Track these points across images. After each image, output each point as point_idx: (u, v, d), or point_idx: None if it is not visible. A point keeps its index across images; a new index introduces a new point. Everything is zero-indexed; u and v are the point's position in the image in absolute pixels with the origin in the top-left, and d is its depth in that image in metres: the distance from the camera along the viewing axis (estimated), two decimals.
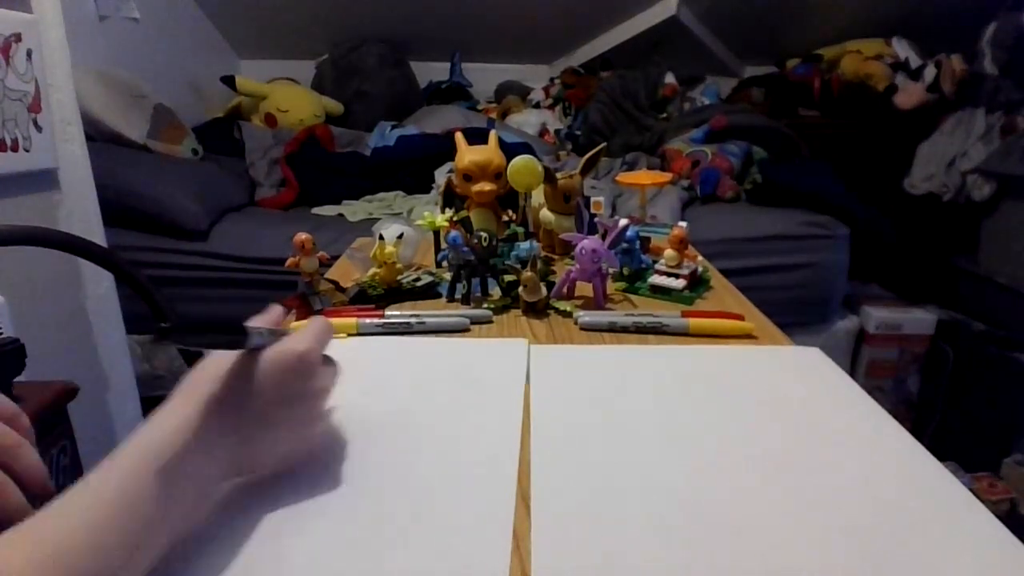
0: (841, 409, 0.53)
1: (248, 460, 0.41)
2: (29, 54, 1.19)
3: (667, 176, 1.40)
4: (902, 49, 2.55)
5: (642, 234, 0.88)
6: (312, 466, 0.44)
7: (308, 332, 0.42)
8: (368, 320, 0.69)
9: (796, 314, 1.79)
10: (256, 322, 0.43)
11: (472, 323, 0.71)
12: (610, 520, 0.39)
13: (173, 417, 0.37)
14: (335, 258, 0.95)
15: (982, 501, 0.41)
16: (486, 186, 0.89)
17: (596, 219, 0.90)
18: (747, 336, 0.68)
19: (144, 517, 0.33)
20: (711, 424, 0.50)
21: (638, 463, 0.45)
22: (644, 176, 1.46)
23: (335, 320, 0.69)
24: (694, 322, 0.68)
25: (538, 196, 0.97)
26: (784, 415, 0.52)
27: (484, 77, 3.02)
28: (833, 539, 0.37)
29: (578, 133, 2.64)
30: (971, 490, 0.42)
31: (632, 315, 0.70)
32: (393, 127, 2.46)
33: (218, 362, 0.40)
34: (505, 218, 0.96)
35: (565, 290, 0.78)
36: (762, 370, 0.60)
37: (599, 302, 0.76)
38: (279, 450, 0.42)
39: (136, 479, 0.34)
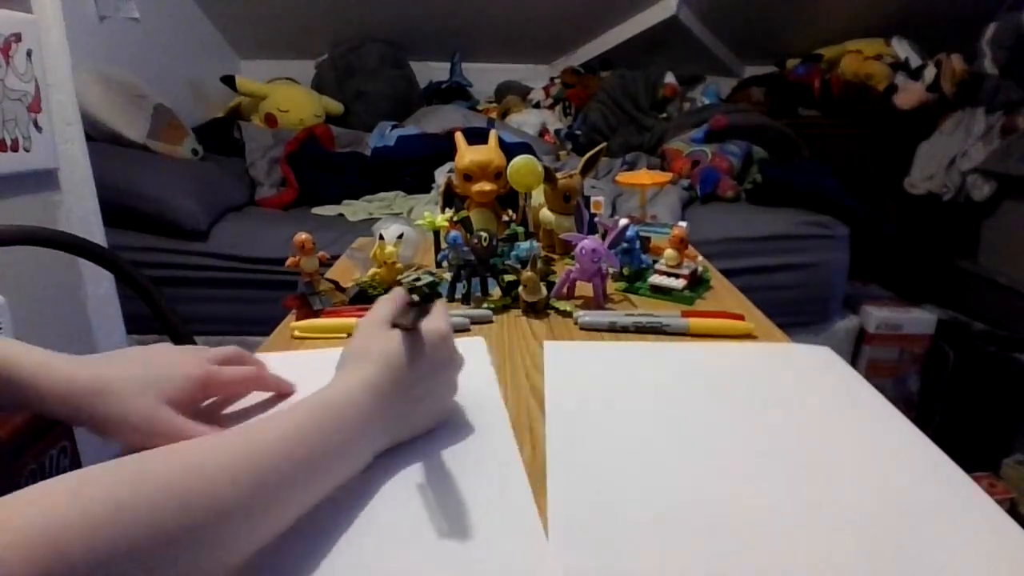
0: (855, 407, 0.53)
1: (406, 425, 0.46)
2: (29, 54, 1.19)
3: (667, 176, 1.41)
4: (902, 49, 2.54)
5: (642, 234, 0.88)
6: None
7: (442, 314, 0.49)
8: None
9: (796, 314, 1.79)
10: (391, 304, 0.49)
11: (472, 323, 0.71)
12: (625, 518, 0.39)
13: (346, 381, 0.42)
14: (335, 258, 0.95)
15: None
16: (486, 186, 0.89)
17: (596, 219, 0.90)
18: (747, 336, 0.68)
19: (318, 452, 0.37)
20: (726, 422, 0.50)
21: (655, 463, 0.45)
22: (644, 176, 1.46)
23: (334, 320, 0.69)
24: (694, 322, 0.68)
25: (538, 196, 0.97)
26: (799, 413, 0.52)
27: (484, 77, 3.02)
28: (849, 534, 0.37)
29: (578, 133, 2.64)
30: None
31: (632, 315, 0.70)
32: (393, 127, 2.46)
33: (377, 337, 0.45)
34: (505, 218, 0.96)
35: (565, 290, 0.78)
36: (774, 368, 0.60)
37: (599, 302, 0.76)
38: (427, 417, 0.48)
39: (311, 425, 0.38)
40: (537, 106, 2.85)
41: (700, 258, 0.88)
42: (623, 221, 0.80)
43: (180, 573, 0.29)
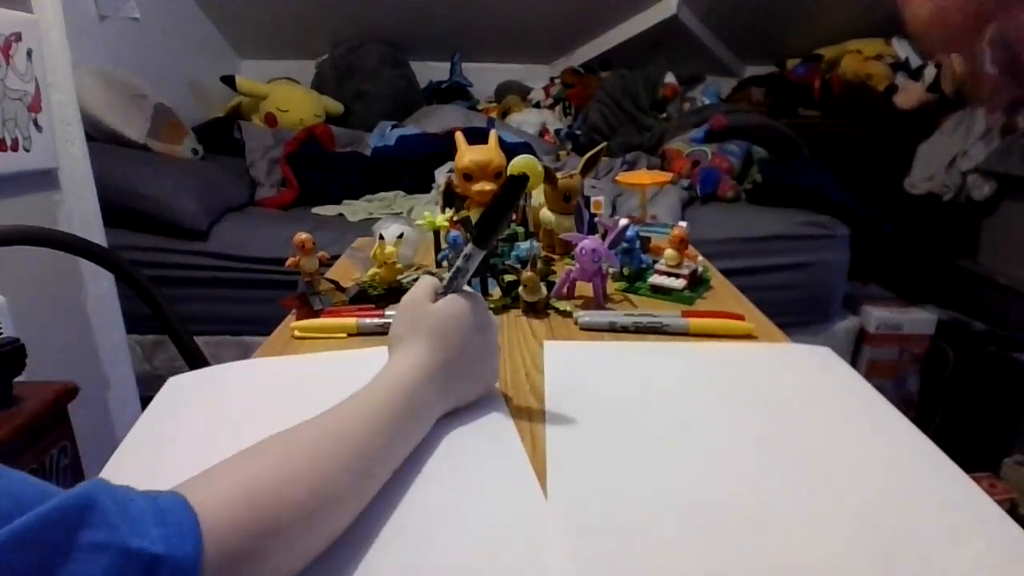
0: (855, 408, 0.53)
1: (461, 391, 0.50)
2: (29, 54, 1.19)
3: (667, 176, 1.41)
4: (902, 49, 2.54)
5: (642, 234, 0.88)
6: None
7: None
8: (368, 320, 0.69)
9: (796, 314, 1.79)
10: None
11: None
12: (625, 517, 0.39)
13: (405, 361, 0.46)
14: (335, 258, 0.95)
15: None
16: (486, 186, 0.89)
17: (596, 219, 0.90)
18: (747, 336, 0.68)
19: (395, 431, 0.42)
20: (726, 422, 0.50)
21: (655, 463, 0.45)
22: (644, 176, 1.46)
23: (333, 320, 0.69)
24: (694, 322, 0.68)
25: (538, 196, 0.97)
26: (799, 413, 0.52)
27: (484, 77, 3.02)
28: (849, 534, 0.37)
29: (578, 133, 2.64)
30: None
31: (632, 315, 0.70)
32: (393, 127, 2.46)
33: (422, 315, 0.48)
34: None
35: (565, 290, 0.78)
36: (774, 369, 0.60)
37: (599, 302, 0.76)
38: (478, 381, 0.52)
39: (388, 410, 0.42)
40: (537, 106, 2.85)
41: (700, 258, 0.88)
42: (623, 221, 0.80)
43: (312, 534, 0.35)
